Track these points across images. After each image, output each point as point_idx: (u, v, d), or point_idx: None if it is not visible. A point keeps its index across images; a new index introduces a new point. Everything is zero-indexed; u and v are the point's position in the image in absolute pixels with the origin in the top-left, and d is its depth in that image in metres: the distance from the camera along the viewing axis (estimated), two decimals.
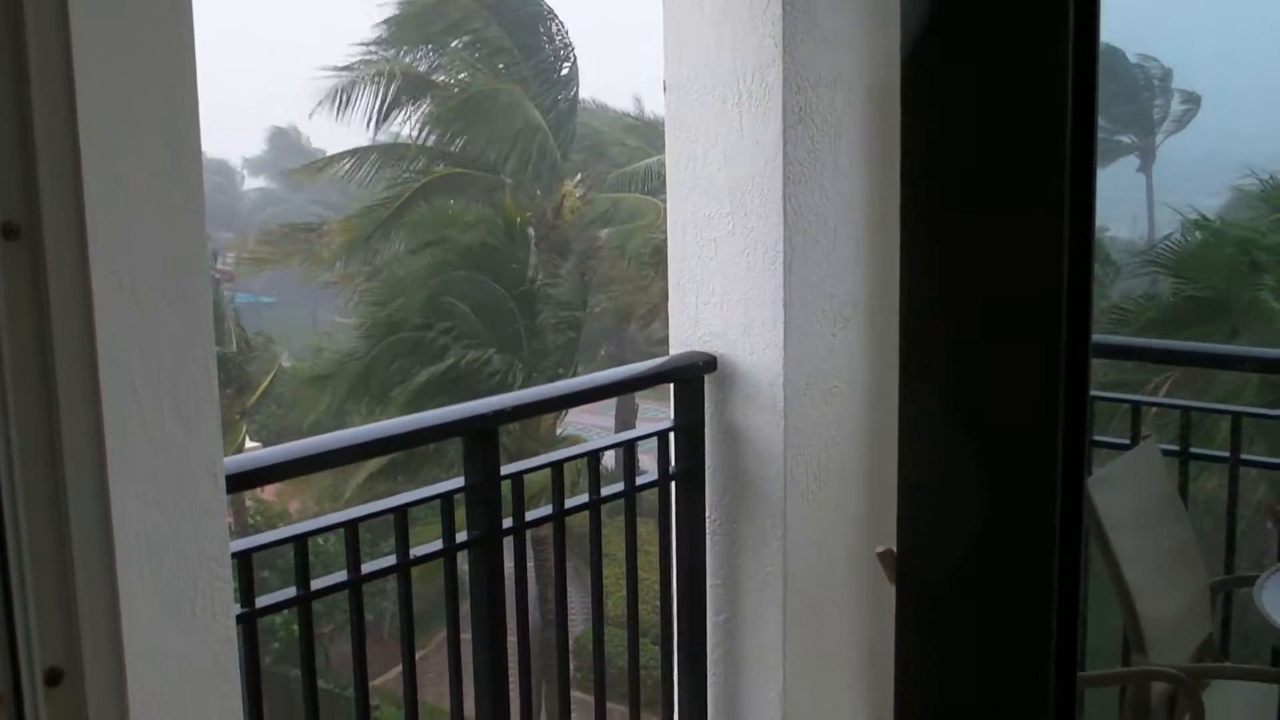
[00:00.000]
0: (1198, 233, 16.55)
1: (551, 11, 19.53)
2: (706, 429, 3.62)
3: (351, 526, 2.79)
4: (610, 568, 3.67)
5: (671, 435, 3.60)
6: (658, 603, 3.69)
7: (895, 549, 2.79)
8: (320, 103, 19.56)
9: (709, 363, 3.59)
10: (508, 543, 3.13)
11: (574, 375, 16.28)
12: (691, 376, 3.59)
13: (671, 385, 3.63)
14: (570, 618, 3.54)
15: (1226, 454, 3.81)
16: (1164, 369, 14.42)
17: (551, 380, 15.67)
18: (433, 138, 19.63)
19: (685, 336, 3.64)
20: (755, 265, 3.52)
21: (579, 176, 19.36)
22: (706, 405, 3.62)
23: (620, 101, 27.34)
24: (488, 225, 16.99)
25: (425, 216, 18.38)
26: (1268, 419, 6.97)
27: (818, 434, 3.69)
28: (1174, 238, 17.25)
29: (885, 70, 3.69)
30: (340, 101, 19.42)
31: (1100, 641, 4.25)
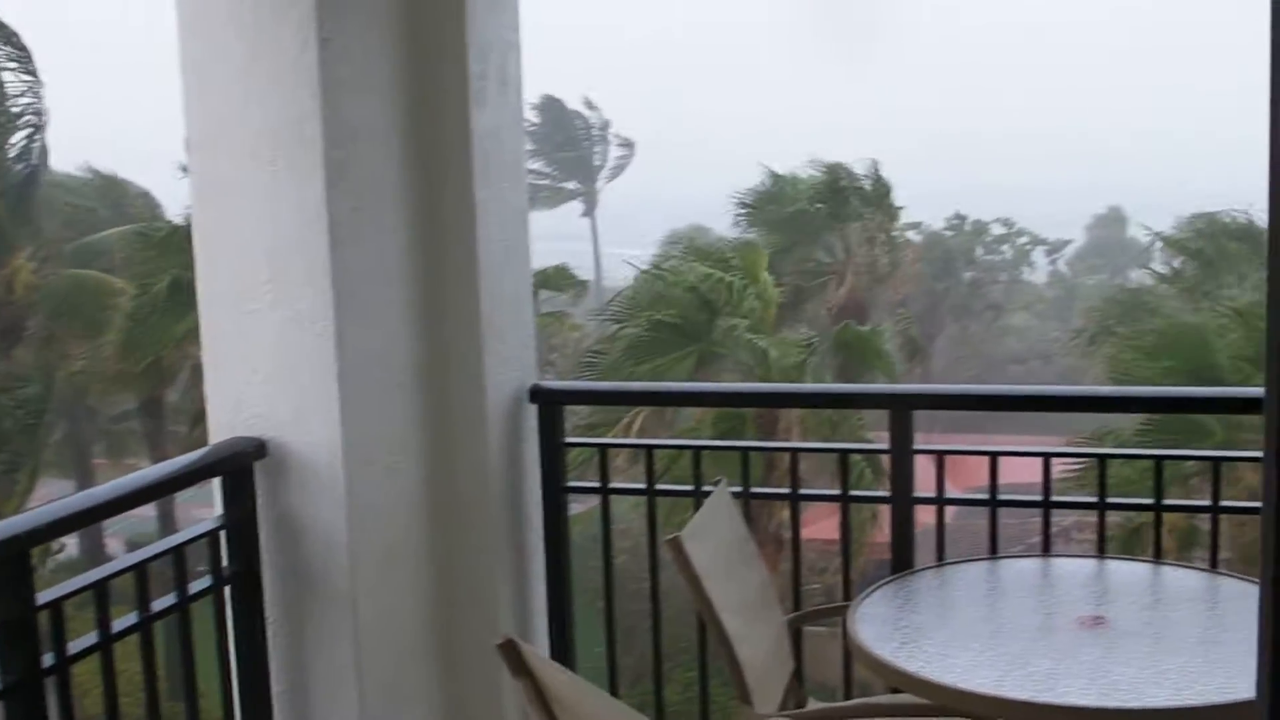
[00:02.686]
0: (653, 282, 17.39)
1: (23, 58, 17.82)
2: (260, 523, 3.26)
3: None
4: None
5: (222, 534, 3.20)
6: None
7: (512, 638, 2.58)
8: None
9: (258, 449, 3.23)
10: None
11: (37, 464, 14.89)
12: (239, 466, 3.21)
13: (217, 479, 3.24)
14: None
15: (788, 490, 3.86)
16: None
17: (10, 475, 14.28)
18: None
19: (228, 421, 3.26)
20: (303, 337, 3.20)
21: (29, 250, 17.81)
22: (259, 496, 3.25)
23: (117, 165, 25.37)
24: None
25: None
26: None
27: (382, 513, 3.42)
28: (626, 291, 18.10)
29: (421, 119, 3.49)
30: None
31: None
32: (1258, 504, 4.16)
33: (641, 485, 4.01)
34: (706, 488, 3.68)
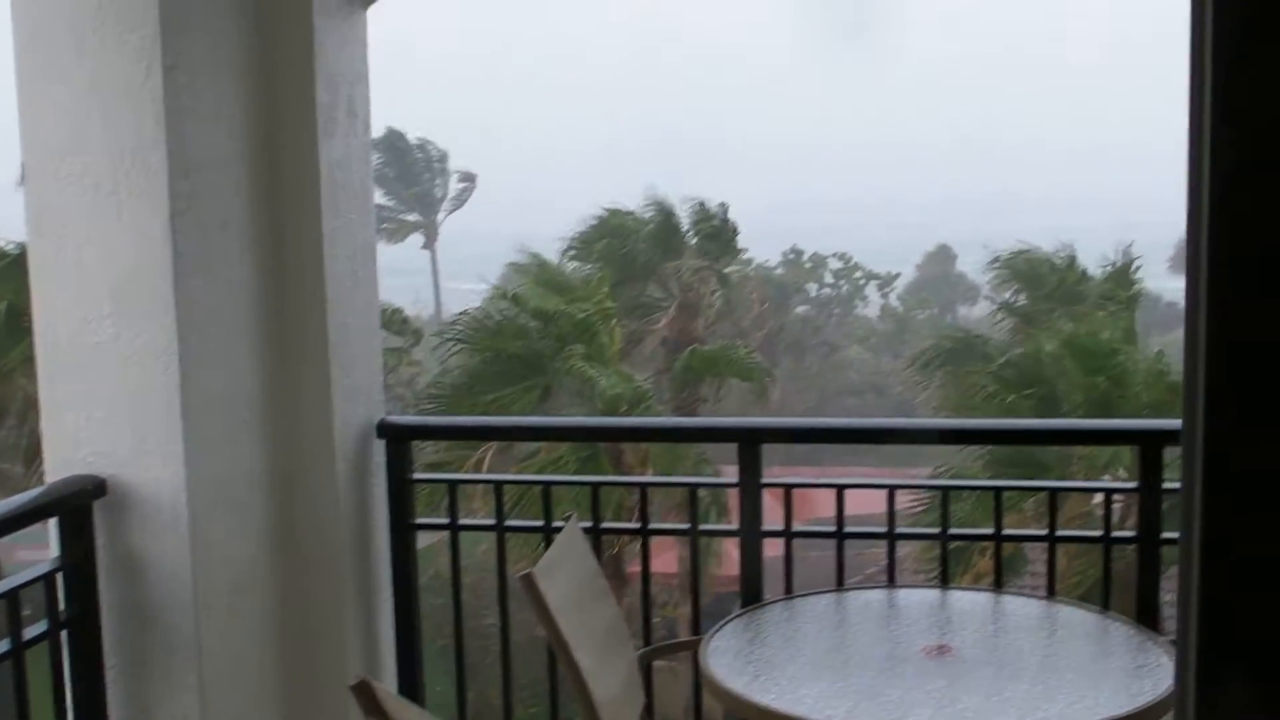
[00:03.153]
0: (504, 303, 17.25)
1: None
2: (99, 564, 3.15)
3: None
4: None
5: (59, 576, 3.08)
6: None
7: (366, 678, 2.52)
8: None
9: (98, 487, 3.12)
10: None
11: None
12: (77, 505, 3.10)
13: (54, 519, 3.12)
14: None
15: (638, 525, 3.86)
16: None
17: None
18: None
19: (66, 459, 3.15)
20: (146, 371, 3.11)
21: None
22: (98, 536, 3.14)
23: None
24: None
25: None
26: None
27: (228, 550, 3.33)
28: (475, 310, 17.95)
29: (269, 149, 3.43)
30: None
31: None
32: (1091, 533, 4.28)
33: (491, 521, 3.98)
34: (557, 523, 3.67)
